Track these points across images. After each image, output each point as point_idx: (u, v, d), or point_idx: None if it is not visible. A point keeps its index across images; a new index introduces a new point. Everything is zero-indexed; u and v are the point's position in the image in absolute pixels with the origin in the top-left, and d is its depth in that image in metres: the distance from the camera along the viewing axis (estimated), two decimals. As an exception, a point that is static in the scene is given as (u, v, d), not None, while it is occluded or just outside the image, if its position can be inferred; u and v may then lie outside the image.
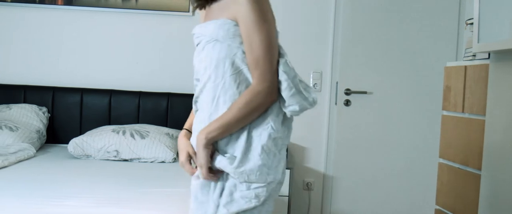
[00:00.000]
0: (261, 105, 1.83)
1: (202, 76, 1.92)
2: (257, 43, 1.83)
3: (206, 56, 1.90)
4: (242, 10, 1.82)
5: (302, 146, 4.52)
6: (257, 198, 1.84)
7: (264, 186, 1.84)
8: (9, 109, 4.10)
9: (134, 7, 4.37)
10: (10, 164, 3.30)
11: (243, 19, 1.83)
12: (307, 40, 4.47)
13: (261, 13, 1.84)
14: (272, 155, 1.85)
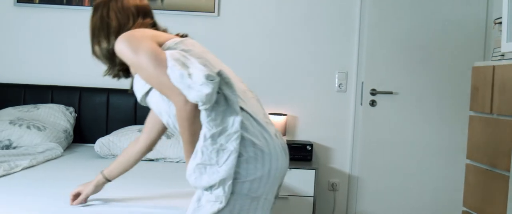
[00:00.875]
0: (189, 117, 1.87)
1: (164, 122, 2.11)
2: (148, 79, 1.93)
3: (153, 107, 2.11)
4: (123, 60, 1.98)
5: (327, 146, 4.50)
6: (218, 200, 1.86)
7: (219, 185, 1.84)
8: (37, 109, 4.15)
9: (160, 8, 4.39)
10: (38, 163, 3.34)
11: (129, 66, 2.04)
12: (332, 40, 4.45)
13: (126, 53, 1.93)
14: (214, 152, 1.85)
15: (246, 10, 4.45)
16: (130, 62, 1.95)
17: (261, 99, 4.44)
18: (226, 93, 1.91)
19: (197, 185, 1.88)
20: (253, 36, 4.46)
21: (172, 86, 1.85)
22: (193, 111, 1.86)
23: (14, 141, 3.77)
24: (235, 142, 1.86)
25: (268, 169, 1.92)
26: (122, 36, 1.96)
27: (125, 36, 1.96)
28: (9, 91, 4.39)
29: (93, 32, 2.19)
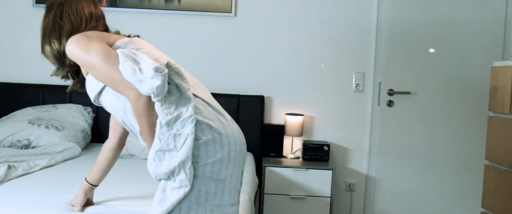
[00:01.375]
0: (145, 109, 1.94)
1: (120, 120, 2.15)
2: (100, 77, 2.00)
3: (107, 107, 2.14)
4: (75, 61, 2.06)
5: (344, 146, 4.49)
6: (182, 184, 1.89)
7: (179, 169, 1.88)
8: (55, 109, 4.19)
9: (177, 8, 4.41)
10: (56, 162, 3.37)
11: (81, 66, 2.08)
12: (349, 40, 4.43)
13: (80, 59, 2.01)
14: (171, 138, 1.90)
15: (263, 10, 4.45)
16: (82, 62, 2.01)
17: (278, 99, 4.46)
18: (177, 82, 1.99)
19: (158, 172, 1.91)
20: (270, 36, 4.46)
21: (125, 81, 1.93)
22: (148, 103, 1.92)
23: (33, 141, 3.80)
24: (190, 125, 1.91)
25: (228, 151, 1.99)
26: (73, 37, 2.04)
27: (76, 37, 2.03)
28: (28, 92, 4.43)
29: (44, 32, 2.24)
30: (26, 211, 2.26)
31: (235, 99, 4.34)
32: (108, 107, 2.14)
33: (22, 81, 4.50)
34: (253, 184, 3.32)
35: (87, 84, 2.15)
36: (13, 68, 4.54)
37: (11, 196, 2.51)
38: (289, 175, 4.07)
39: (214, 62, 4.47)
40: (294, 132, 4.30)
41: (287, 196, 4.08)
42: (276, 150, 4.33)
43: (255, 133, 4.34)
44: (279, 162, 4.19)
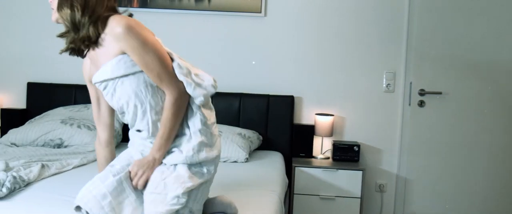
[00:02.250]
0: (182, 108, 2.19)
1: (128, 109, 2.20)
2: (151, 62, 2.10)
3: (122, 93, 2.16)
4: (126, 43, 2.07)
5: (374, 147, 4.46)
6: (206, 173, 2.20)
7: (212, 162, 2.23)
8: (87, 109, 4.24)
9: (207, 9, 4.43)
10: (88, 162, 3.41)
11: (131, 49, 2.08)
12: (380, 40, 4.40)
13: (140, 37, 2.08)
14: (209, 135, 2.23)
15: (292, 10, 4.44)
16: (137, 47, 2.07)
17: (308, 99, 4.45)
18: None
19: (194, 159, 2.17)
20: (300, 36, 4.45)
21: (173, 78, 2.14)
22: (186, 102, 2.19)
23: (65, 140, 3.85)
24: (216, 129, 2.31)
25: (219, 150, 2.29)
26: (129, 22, 2.07)
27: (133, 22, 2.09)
28: (60, 92, 4.49)
29: None
30: (59, 209, 2.29)
31: (265, 100, 4.34)
32: (122, 93, 2.16)
33: (55, 82, 4.56)
34: (283, 184, 3.32)
35: (107, 65, 2.13)
36: (45, 69, 4.61)
37: (45, 194, 2.55)
38: (319, 175, 4.06)
39: (243, 62, 4.47)
40: (324, 132, 4.28)
41: (316, 197, 4.06)
42: (306, 150, 4.32)
43: (284, 133, 4.34)
44: (309, 162, 4.18)
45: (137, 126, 2.26)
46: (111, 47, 2.11)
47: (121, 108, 2.22)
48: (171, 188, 2.09)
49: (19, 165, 2.96)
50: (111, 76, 2.13)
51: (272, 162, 3.85)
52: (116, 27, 2.06)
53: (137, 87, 2.15)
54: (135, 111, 2.19)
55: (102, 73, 2.15)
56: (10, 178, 2.58)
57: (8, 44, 4.63)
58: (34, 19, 4.60)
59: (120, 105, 2.21)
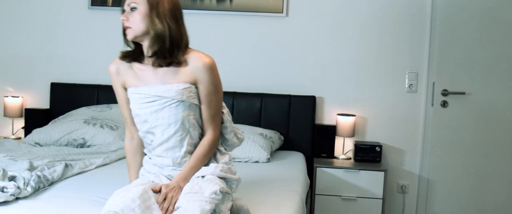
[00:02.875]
0: (215, 148, 2.40)
1: (163, 131, 2.31)
2: (214, 103, 2.35)
3: (170, 115, 2.29)
4: (204, 78, 2.29)
5: (397, 147, 4.43)
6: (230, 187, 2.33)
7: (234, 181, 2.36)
8: (109, 109, 4.27)
9: (229, 9, 4.43)
10: (111, 161, 3.43)
11: (205, 83, 2.30)
12: (402, 39, 4.37)
13: (217, 78, 2.34)
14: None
15: (314, 10, 4.43)
16: (213, 85, 2.32)
17: (330, 100, 4.44)
18: None
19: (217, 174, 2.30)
20: (322, 36, 4.44)
21: (219, 122, 2.40)
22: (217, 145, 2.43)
23: (88, 140, 3.88)
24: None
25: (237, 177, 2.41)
26: (214, 62, 2.33)
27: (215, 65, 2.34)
28: (84, 92, 4.53)
29: (172, 10, 2.30)
30: (82, 209, 2.31)
31: (286, 100, 4.34)
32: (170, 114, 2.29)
33: (78, 82, 4.60)
34: (304, 184, 3.31)
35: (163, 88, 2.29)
36: (69, 69, 4.65)
37: (68, 194, 2.57)
38: (340, 176, 4.05)
39: (265, 62, 4.47)
40: (345, 132, 4.27)
41: (338, 197, 4.05)
42: (328, 151, 4.31)
43: (306, 133, 4.33)
44: (330, 162, 4.17)
45: (161, 151, 2.35)
46: (185, 73, 2.29)
47: (153, 127, 2.32)
48: (207, 187, 2.14)
49: (43, 164, 2.99)
50: (171, 96, 2.27)
51: (294, 162, 3.84)
52: (204, 59, 2.29)
53: (187, 116, 2.30)
54: (172, 136, 2.31)
55: (163, 90, 2.28)
56: (34, 177, 2.60)
57: (32, 45, 4.68)
58: (58, 20, 4.65)
59: (156, 124, 2.31)
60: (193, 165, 2.30)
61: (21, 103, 4.60)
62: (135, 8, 2.26)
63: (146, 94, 2.31)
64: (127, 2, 2.28)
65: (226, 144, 2.51)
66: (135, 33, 2.28)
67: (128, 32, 2.30)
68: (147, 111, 2.32)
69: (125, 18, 2.28)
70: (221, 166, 2.34)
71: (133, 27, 2.27)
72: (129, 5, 2.27)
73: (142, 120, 2.35)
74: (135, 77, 2.38)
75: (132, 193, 2.09)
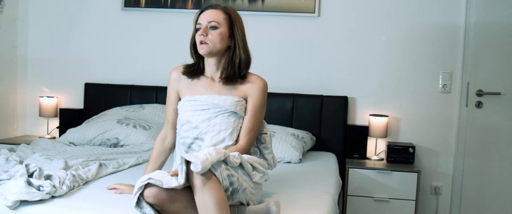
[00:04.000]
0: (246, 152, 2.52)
1: (213, 137, 2.49)
2: (256, 119, 2.56)
3: (222, 123, 2.50)
4: (256, 93, 2.55)
5: (430, 148, 4.38)
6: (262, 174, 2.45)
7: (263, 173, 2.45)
8: (142, 109, 4.30)
9: (261, 9, 4.44)
10: (143, 161, 3.46)
11: (254, 98, 2.55)
12: (436, 39, 4.32)
13: (264, 100, 2.58)
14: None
15: (346, 10, 4.41)
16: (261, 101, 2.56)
17: (362, 100, 4.41)
18: None
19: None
20: (354, 36, 4.41)
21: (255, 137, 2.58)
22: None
23: (122, 140, 3.92)
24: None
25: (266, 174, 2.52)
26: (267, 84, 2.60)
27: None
28: (117, 92, 4.58)
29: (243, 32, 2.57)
30: (116, 208, 2.33)
31: (318, 100, 4.32)
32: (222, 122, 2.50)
33: (111, 82, 4.65)
34: (336, 185, 3.30)
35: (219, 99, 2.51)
36: (102, 69, 4.71)
37: (103, 193, 2.60)
38: (372, 177, 4.02)
39: (297, 63, 4.47)
40: (378, 133, 4.23)
41: (370, 198, 4.02)
42: (360, 151, 4.28)
43: (338, 134, 4.31)
44: (362, 163, 4.14)
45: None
46: (240, 89, 2.54)
47: (204, 133, 2.49)
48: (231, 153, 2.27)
49: (77, 163, 3.03)
50: (225, 105, 2.49)
51: (326, 163, 3.83)
52: (261, 80, 2.57)
53: (236, 127, 2.52)
54: (220, 143, 2.48)
55: (219, 100, 2.50)
56: (69, 176, 2.64)
57: (67, 46, 4.75)
58: (92, 21, 4.71)
59: (207, 130, 2.49)
60: None
61: (56, 104, 4.67)
62: (216, 27, 2.46)
63: (202, 102, 2.51)
64: (207, 18, 2.47)
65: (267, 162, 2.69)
66: (211, 50, 2.47)
67: (202, 47, 2.46)
68: (200, 117, 2.51)
69: (204, 34, 2.45)
70: (254, 158, 2.44)
71: (210, 45, 2.46)
72: (210, 23, 2.46)
73: (193, 126, 2.52)
74: (192, 87, 2.59)
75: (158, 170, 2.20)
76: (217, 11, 2.49)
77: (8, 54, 4.63)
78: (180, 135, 2.59)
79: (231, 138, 2.50)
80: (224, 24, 2.48)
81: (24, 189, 2.34)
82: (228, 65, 2.52)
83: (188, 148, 2.54)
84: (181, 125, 2.57)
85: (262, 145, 2.67)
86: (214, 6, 2.52)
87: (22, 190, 2.34)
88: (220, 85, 2.55)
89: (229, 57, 2.52)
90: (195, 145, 2.51)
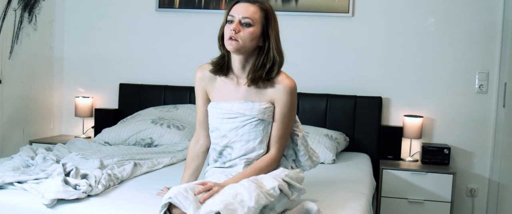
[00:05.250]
0: (273, 168, 2.43)
1: (242, 147, 2.41)
2: (285, 125, 2.43)
3: (250, 132, 2.40)
4: (283, 98, 2.39)
5: (466, 150, 4.31)
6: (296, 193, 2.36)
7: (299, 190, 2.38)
8: (176, 109, 4.33)
9: (294, 9, 4.43)
10: (178, 161, 3.48)
11: (281, 104, 2.40)
12: (472, 38, 4.25)
13: (294, 102, 2.43)
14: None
15: (381, 9, 4.37)
16: (291, 104, 2.42)
17: (396, 100, 4.36)
18: None
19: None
20: (388, 36, 4.37)
21: (285, 144, 2.46)
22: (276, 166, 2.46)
23: (156, 139, 3.95)
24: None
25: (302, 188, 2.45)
26: (296, 86, 2.45)
27: None
28: (151, 92, 4.62)
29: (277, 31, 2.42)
30: (151, 207, 2.35)
31: (352, 101, 4.29)
32: (250, 131, 2.40)
33: (145, 82, 4.70)
34: (370, 186, 3.27)
35: (246, 106, 2.40)
36: (137, 70, 4.75)
37: (137, 192, 2.62)
38: (407, 178, 3.97)
39: (331, 63, 4.44)
40: (412, 134, 4.19)
41: (404, 200, 3.98)
42: (394, 152, 4.24)
43: (372, 135, 4.28)
44: (396, 164, 4.10)
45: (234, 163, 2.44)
46: (268, 92, 2.40)
47: (232, 142, 2.42)
48: (267, 181, 2.18)
49: (112, 163, 3.06)
50: (253, 114, 2.38)
51: (360, 164, 3.81)
52: (287, 81, 2.39)
53: (266, 134, 2.42)
54: (250, 152, 2.42)
55: (245, 108, 2.39)
56: (105, 175, 2.67)
57: (102, 47, 4.81)
58: (126, 23, 4.76)
59: (235, 140, 2.41)
60: (246, 174, 2.33)
61: (91, 104, 4.73)
62: (249, 24, 2.31)
63: (228, 111, 2.41)
64: (242, 12, 2.31)
65: (299, 165, 2.57)
66: (240, 48, 2.32)
67: (231, 43, 2.31)
68: (227, 126, 2.42)
69: (236, 29, 2.30)
70: (288, 171, 2.35)
71: (240, 42, 2.31)
72: (244, 19, 2.31)
73: (222, 135, 2.44)
74: (217, 90, 2.47)
75: (185, 184, 2.15)
76: (253, 6, 2.33)
77: (45, 55, 4.71)
78: (212, 140, 2.53)
79: (261, 146, 2.42)
80: (258, 23, 2.32)
81: (61, 188, 2.38)
82: (257, 67, 2.37)
83: (219, 154, 2.49)
84: (211, 130, 2.51)
85: (296, 147, 2.54)
86: (251, 0, 2.35)
87: (59, 189, 2.38)
88: (246, 88, 2.42)
89: (259, 59, 2.37)
90: (226, 152, 2.46)
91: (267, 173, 2.35)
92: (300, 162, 2.56)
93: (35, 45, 4.56)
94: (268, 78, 2.38)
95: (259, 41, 2.36)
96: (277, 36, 2.40)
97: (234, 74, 2.45)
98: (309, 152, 2.56)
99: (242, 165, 2.41)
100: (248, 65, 2.41)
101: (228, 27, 2.34)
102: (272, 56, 2.36)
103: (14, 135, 4.39)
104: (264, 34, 2.35)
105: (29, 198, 2.45)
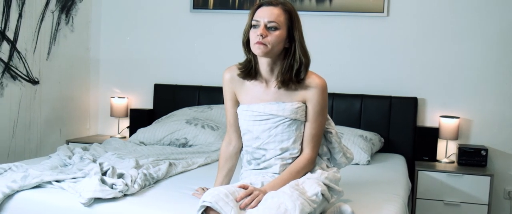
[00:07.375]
0: (309, 168, 2.43)
1: (276, 148, 2.41)
2: (318, 124, 2.42)
3: (284, 133, 2.40)
4: (314, 97, 2.39)
5: (504, 151, 4.24)
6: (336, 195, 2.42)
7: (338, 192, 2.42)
8: (210, 109, 4.35)
9: (328, 10, 4.41)
10: (212, 161, 3.50)
11: (313, 103, 2.39)
12: (509, 37, 4.17)
13: (325, 101, 2.42)
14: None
15: (416, 9, 4.32)
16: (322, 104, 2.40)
17: (432, 101, 4.30)
18: None
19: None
20: (424, 36, 4.32)
21: (319, 143, 2.45)
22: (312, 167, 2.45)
23: (190, 140, 3.98)
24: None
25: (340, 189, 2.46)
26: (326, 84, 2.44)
27: None
28: (185, 93, 4.65)
29: (301, 32, 2.40)
30: (186, 206, 2.36)
31: (387, 101, 4.26)
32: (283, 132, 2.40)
33: (180, 83, 4.73)
34: (406, 187, 3.24)
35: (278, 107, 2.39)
36: (171, 70, 4.79)
37: (173, 192, 2.64)
38: (443, 180, 3.92)
39: (365, 63, 4.41)
40: (449, 135, 4.13)
41: (440, 202, 3.93)
42: (430, 154, 4.19)
43: (407, 136, 4.23)
44: (432, 166, 4.05)
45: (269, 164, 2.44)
46: (298, 93, 2.39)
47: (265, 143, 2.42)
48: (309, 188, 2.19)
49: (148, 162, 3.09)
50: (285, 114, 2.37)
51: (395, 165, 3.77)
52: (318, 80, 2.39)
53: (299, 134, 2.42)
54: (284, 152, 2.42)
55: (277, 109, 2.38)
56: (141, 175, 2.70)
57: (137, 48, 4.86)
58: (161, 23, 4.80)
59: (268, 141, 2.41)
60: (285, 178, 2.33)
61: (127, 104, 4.78)
62: (275, 28, 2.30)
63: (259, 113, 2.40)
64: (267, 17, 2.30)
65: (334, 163, 2.57)
66: (269, 51, 2.31)
67: (260, 47, 2.29)
68: (260, 128, 2.42)
69: (263, 34, 2.28)
70: (327, 173, 2.36)
71: (268, 46, 2.29)
72: (270, 23, 2.30)
73: (254, 136, 2.44)
74: (246, 93, 2.46)
75: (225, 188, 2.14)
76: (277, 9, 2.31)
77: (81, 56, 4.78)
78: (244, 143, 2.53)
79: (295, 146, 2.42)
80: (284, 25, 2.31)
81: (98, 187, 2.41)
82: (286, 70, 2.36)
83: (253, 156, 2.49)
84: (243, 133, 2.51)
85: (330, 145, 2.54)
86: (274, 2, 2.33)
87: (96, 188, 2.41)
88: (276, 90, 2.41)
89: (287, 61, 2.36)
90: (259, 154, 2.46)
91: (305, 174, 2.37)
92: (335, 159, 2.56)
93: (72, 47, 4.63)
94: (298, 80, 2.38)
95: (285, 43, 2.35)
96: (301, 36, 2.38)
97: (262, 77, 2.44)
98: (343, 149, 2.56)
99: (278, 165, 2.41)
100: (276, 67, 2.40)
101: (253, 32, 2.32)
102: (299, 58, 2.35)
103: (52, 134, 4.47)
104: (290, 35, 2.35)
105: (67, 197, 2.49)
